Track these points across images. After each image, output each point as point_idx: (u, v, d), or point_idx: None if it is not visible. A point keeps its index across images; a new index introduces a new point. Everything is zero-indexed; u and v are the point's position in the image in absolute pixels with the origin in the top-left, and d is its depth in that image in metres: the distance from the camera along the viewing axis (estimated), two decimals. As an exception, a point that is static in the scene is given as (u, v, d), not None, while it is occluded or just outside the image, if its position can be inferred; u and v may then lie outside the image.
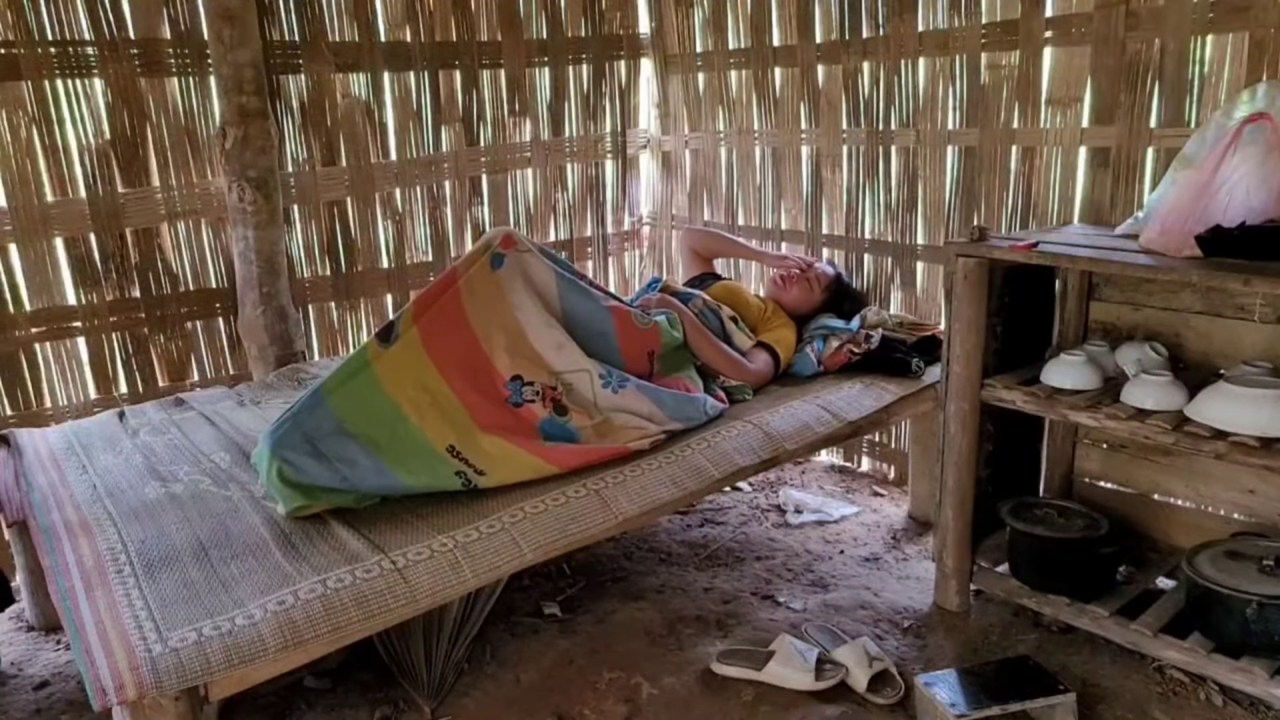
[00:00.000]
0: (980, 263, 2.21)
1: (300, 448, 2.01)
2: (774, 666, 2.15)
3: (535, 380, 2.24)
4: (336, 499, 2.03)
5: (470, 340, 2.22)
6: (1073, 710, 1.97)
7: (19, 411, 2.78)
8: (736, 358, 2.67)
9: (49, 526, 2.00)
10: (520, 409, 2.21)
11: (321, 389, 2.10)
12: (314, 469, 2.00)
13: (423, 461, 2.08)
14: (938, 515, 2.43)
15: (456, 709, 2.12)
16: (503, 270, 2.30)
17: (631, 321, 2.41)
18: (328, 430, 2.05)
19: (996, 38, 2.72)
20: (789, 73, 3.33)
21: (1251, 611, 1.88)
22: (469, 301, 2.25)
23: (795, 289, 2.98)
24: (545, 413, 2.22)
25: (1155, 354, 2.25)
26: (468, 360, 2.20)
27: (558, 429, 2.22)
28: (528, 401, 2.21)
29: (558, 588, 2.64)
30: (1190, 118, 2.37)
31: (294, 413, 2.07)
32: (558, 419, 2.23)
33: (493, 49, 3.42)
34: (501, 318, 2.27)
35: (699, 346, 2.61)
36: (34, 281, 2.75)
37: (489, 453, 2.11)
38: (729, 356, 2.65)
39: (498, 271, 2.30)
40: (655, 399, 2.34)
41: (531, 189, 3.66)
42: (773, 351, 2.75)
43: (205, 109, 2.92)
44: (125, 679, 1.51)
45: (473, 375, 2.19)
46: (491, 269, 2.30)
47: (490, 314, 2.26)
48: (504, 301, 2.28)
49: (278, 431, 2.04)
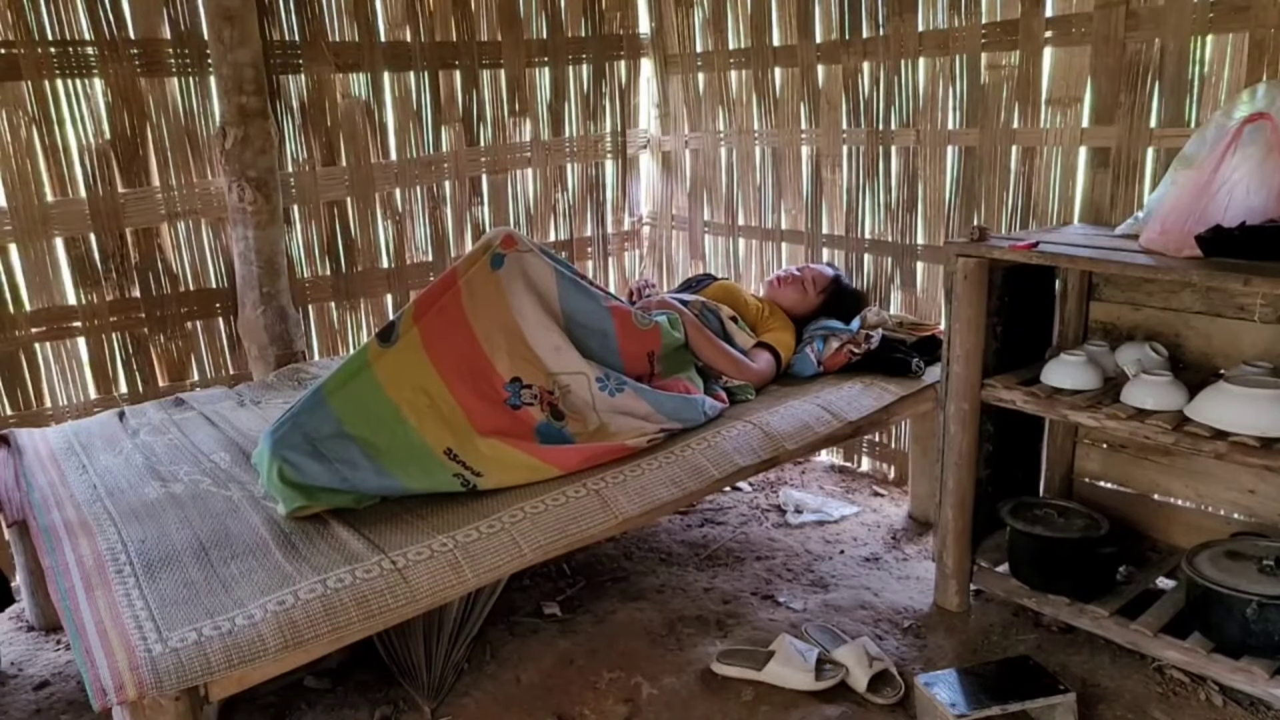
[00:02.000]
0: (980, 263, 2.21)
1: (301, 448, 2.01)
2: (774, 666, 2.15)
3: (533, 383, 2.24)
4: (336, 499, 2.03)
5: (471, 341, 2.22)
6: (1073, 710, 1.97)
7: (19, 411, 2.78)
8: (739, 357, 2.66)
9: (49, 526, 2.00)
10: (519, 411, 2.21)
11: (322, 389, 2.10)
12: (314, 469, 2.00)
13: (421, 465, 2.08)
14: (938, 515, 2.43)
15: (456, 709, 2.12)
16: (503, 270, 2.30)
17: (632, 322, 2.41)
18: (328, 432, 2.05)
19: (996, 38, 2.72)
20: (789, 73, 3.33)
21: (1251, 611, 1.88)
22: (469, 302, 2.25)
23: (791, 290, 2.97)
24: (542, 416, 2.23)
25: (1155, 354, 2.25)
26: (468, 361, 2.20)
27: (554, 433, 2.23)
28: (526, 404, 2.21)
29: (558, 588, 2.64)
30: (1190, 118, 2.37)
31: (294, 413, 2.07)
32: (554, 423, 2.23)
33: (493, 49, 3.42)
34: (501, 318, 2.27)
35: (700, 347, 2.60)
36: (34, 281, 2.75)
37: (486, 455, 2.11)
38: (731, 356, 2.65)
39: (498, 272, 2.30)
40: (653, 401, 2.34)
41: (531, 189, 3.66)
42: (774, 350, 2.75)
43: (205, 109, 2.92)
44: (125, 679, 1.51)
45: (472, 377, 2.19)
46: (492, 269, 2.30)
47: (490, 315, 2.26)
48: (504, 302, 2.28)
49: (278, 432, 2.04)
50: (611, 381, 2.31)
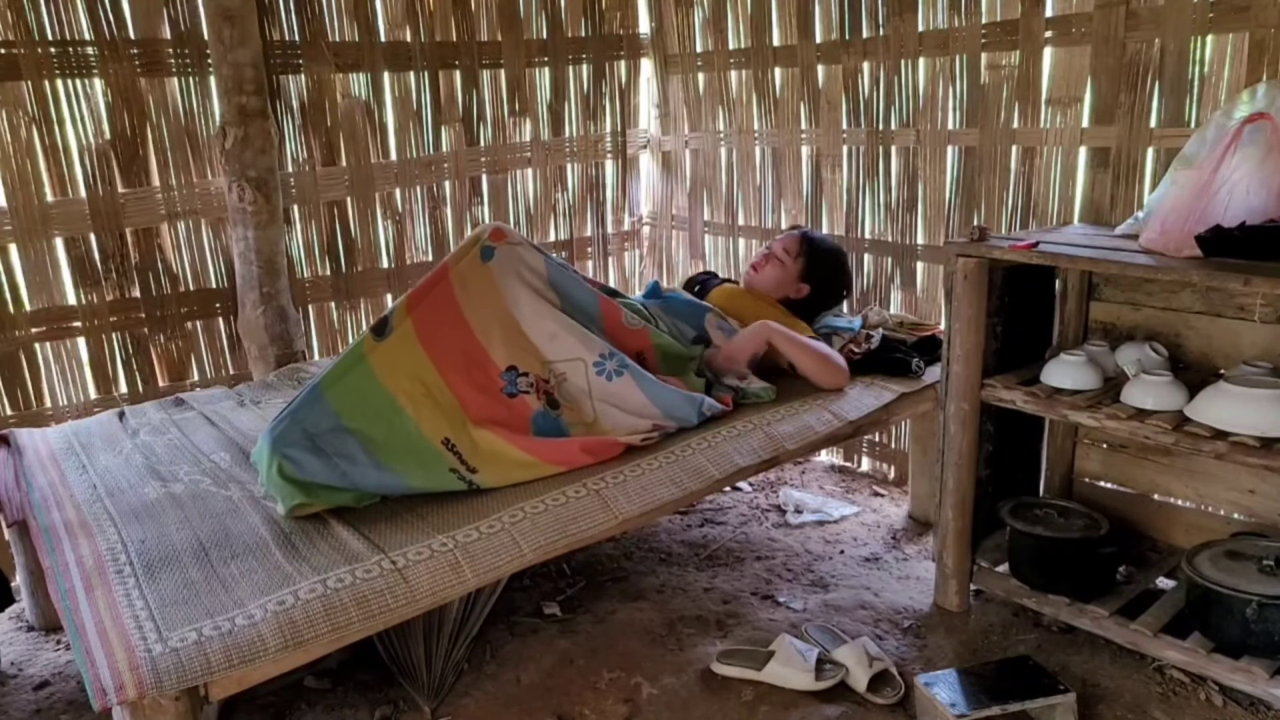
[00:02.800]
0: (980, 263, 2.21)
1: (300, 443, 2.02)
2: (774, 666, 2.15)
3: (529, 371, 2.25)
4: (336, 498, 2.03)
5: (465, 331, 2.22)
6: (1073, 710, 1.97)
7: (19, 411, 2.78)
8: (826, 350, 2.61)
9: (49, 526, 2.00)
10: (514, 400, 2.21)
11: (319, 384, 2.10)
12: (313, 465, 2.00)
13: (418, 458, 2.07)
14: (938, 515, 2.43)
15: (456, 709, 2.12)
16: (493, 262, 2.31)
17: (620, 319, 2.42)
18: (326, 426, 2.05)
19: (996, 38, 2.72)
20: (789, 73, 3.33)
21: (1251, 611, 1.88)
22: (461, 294, 2.25)
23: (770, 268, 2.85)
24: (538, 405, 2.23)
25: (1155, 354, 2.25)
26: (463, 351, 2.21)
27: (549, 423, 2.23)
28: (522, 393, 2.22)
29: (558, 588, 2.64)
30: (1190, 118, 2.37)
31: (293, 409, 2.08)
32: (550, 412, 2.24)
33: (493, 49, 3.42)
34: (495, 308, 2.27)
35: (794, 356, 2.57)
36: (34, 281, 2.75)
37: (482, 449, 2.11)
38: (819, 353, 2.58)
39: (488, 264, 2.31)
40: (650, 393, 2.31)
41: (531, 189, 3.66)
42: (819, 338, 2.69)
43: (205, 109, 2.92)
44: (125, 679, 1.51)
45: (467, 368, 2.20)
46: (481, 261, 2.30)
47: (484, 305, 2.26)
48: (496, 293, 2.28)
49: (277, 428, 2.05)
50: (612, 363, 2.29)
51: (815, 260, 2.86)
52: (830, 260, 2.90)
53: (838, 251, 2.97)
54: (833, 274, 2.90)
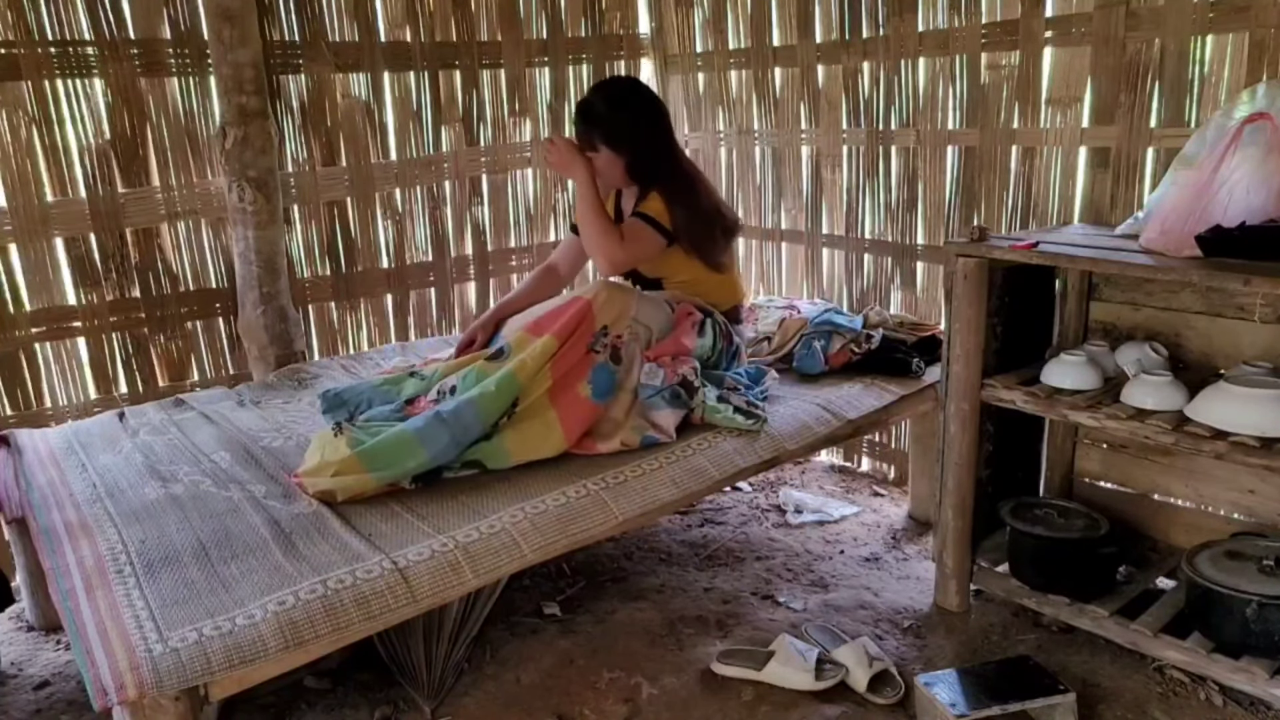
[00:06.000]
0: (980, 263, 2.21)
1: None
2: (774, 666, 2.15)
3: (612, 330, 2.35)
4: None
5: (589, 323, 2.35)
6: (1073, 710, 1.97)
7: (19, 411, 2.78)
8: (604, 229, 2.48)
9: (49, 527, 2.01)
10: (588, 355, 2.30)
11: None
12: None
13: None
14: (938, 515, 2.43)
15: (456, 709, 2.12)
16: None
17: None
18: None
19: (996, 38, 2.72)
20: (789, 73, 3.33)
21: (1251, 611, 1.88)
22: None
23: (553, 156, 2.55)
24: (602, 358, 2.31)
25: (1155, 354, 2.25)
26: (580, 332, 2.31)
27: (604, 378, 2.29)
28: (596, 352, 2.31)
29: (558, 588, 2.64)
30: (1190, 118, 2.37)
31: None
32: (610, 366, 2.31)
33: (493, 49, 3.42)
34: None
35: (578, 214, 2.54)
36: (34, 281, 2.75)
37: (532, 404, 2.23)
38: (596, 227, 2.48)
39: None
40: (647, 400, 2.35)
41: (531, 189, 3.66)
42: (645, 218, 2.49)
43: (205, 109, 2.92)
44: (125, 679, 1.51)
45: (579, 338, 2.30)
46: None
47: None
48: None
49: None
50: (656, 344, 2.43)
51: (598, 127, 2.53)
52: (637, 99, 2.57)
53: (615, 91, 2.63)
54: (648, 115, 2.57)
